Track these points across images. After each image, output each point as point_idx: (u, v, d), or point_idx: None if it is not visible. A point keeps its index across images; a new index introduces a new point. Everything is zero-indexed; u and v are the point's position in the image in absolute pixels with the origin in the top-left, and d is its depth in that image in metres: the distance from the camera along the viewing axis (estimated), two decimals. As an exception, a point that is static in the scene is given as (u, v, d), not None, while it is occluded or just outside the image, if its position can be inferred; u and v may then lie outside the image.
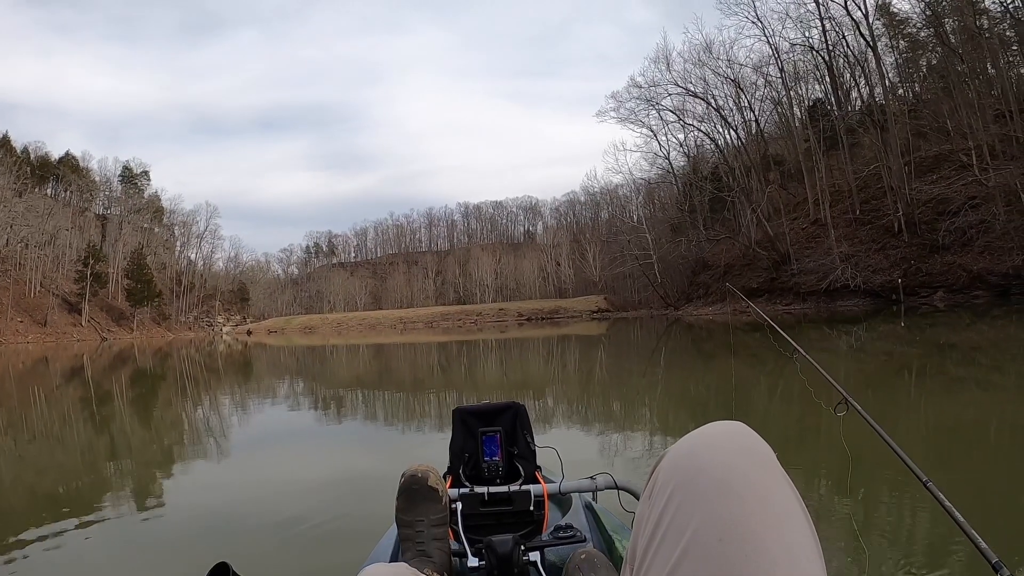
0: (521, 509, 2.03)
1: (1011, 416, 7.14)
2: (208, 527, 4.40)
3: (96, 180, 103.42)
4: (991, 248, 34.06)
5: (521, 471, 2.17)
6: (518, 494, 2.04)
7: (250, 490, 5.47)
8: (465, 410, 2.30)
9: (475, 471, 2.18)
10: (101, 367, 27.82)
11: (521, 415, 2.29)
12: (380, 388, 15.07)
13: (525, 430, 2.27)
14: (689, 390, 11.57)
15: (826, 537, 3.63)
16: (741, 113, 57.76)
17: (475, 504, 2.02)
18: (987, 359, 12.98)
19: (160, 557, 3.84)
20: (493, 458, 2.16)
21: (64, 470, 6.83)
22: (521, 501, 2.03)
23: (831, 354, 16.81)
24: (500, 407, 2.30)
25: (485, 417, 2.28)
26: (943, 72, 46.03)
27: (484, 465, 2.15)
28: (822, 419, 6.73)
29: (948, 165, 39.76)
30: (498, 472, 2.15)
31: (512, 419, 2.28)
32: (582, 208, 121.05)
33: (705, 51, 55.57)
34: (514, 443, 2.24)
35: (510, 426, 2.26)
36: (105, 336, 79.68)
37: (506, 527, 1.97)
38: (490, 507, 2.04)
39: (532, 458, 2.25)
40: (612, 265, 79.47)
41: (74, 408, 13.16)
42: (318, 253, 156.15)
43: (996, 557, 1.04)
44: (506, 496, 2.04)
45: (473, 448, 2.20)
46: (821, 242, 46.04)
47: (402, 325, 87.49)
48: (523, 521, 2.03)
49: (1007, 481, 4.58)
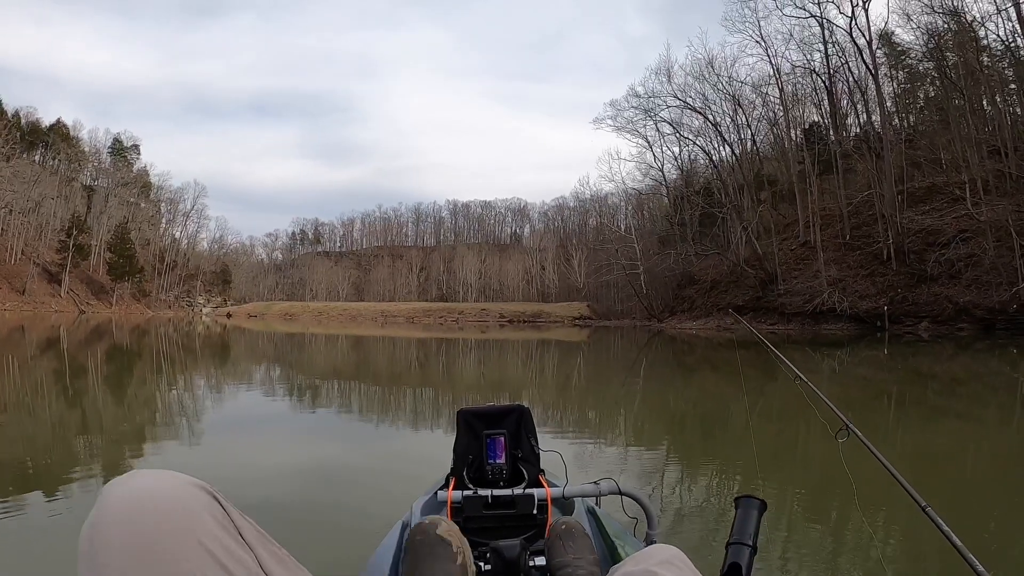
0: (524, 512, 2.02)
1: (989, 446, 7.15)
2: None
3: (85, 150, 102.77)
4: (979, 282, 34.29)
5: (525, 474, 2.17)
6: (521, 497, 2.04)
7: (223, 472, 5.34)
8: (469, 412, 2.29)
9: (479, 473, 2.18)
10: (77, 340, 27.53)
11: (526, 418, 2.29)
12: (357, 380, 14.97)
13: (530, 433, 2.27)
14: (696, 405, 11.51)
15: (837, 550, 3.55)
16: (738, 131, 58.12)
17: (478, 507, 2.03)
18: (967, 391, 13.04)
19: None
20: (497, 461, 2.16)
21: (34, 443, 6.67)
22: (524, 504, 2.02)
23: (814, 375, 16.83)
24: (505, 409, 2.29)
25: (489, 419, 2.26)
26: (940, 104, 46.41)
27: (488, 468, 2.16)
28: (812, 440, 6.70)
29: (941, 197, 40.02)
30: (502, 475, 2.16)
31: (517, 422, 2.27)
32: (571, 214, 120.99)
33: (707, 66, 55.81)
34: (518, 446, 2.24)
35: (515, 429, 2.26)
36: (83, 309, 79.14)
37: (509, 530, 1.98)
38: (493, 510, 2.04)
39: (536, 461, 2.25)
40: (598, 273, 79.63)
41: (48, 380, 12.95)
42: (303, 240, 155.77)
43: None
44: (510, 499, 2.04)
45: (477, 450, 2.20)
46: (810, 264, 46.24)
47: (383, 318, 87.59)
48: (526, 525, 2.02)
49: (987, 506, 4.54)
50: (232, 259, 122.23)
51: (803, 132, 56.58)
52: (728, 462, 6.30)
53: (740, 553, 1.51)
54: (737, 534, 1.55)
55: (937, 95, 48.33)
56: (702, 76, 56.33)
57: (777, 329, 41.56)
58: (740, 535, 1.54)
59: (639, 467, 5.95)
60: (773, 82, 53.35)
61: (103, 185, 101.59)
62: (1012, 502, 4.88)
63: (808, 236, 48.56)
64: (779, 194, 56.72)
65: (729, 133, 58.12)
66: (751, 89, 55.44)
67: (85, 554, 0.86)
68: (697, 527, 4.05)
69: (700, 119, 58.81)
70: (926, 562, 3.43)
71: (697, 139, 61.47)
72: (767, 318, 45.42)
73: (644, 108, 60.12)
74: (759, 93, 55.54)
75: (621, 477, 2.40)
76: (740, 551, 1.51)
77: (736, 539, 1.54)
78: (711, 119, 57.78)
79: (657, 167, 67.06)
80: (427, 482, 2.42)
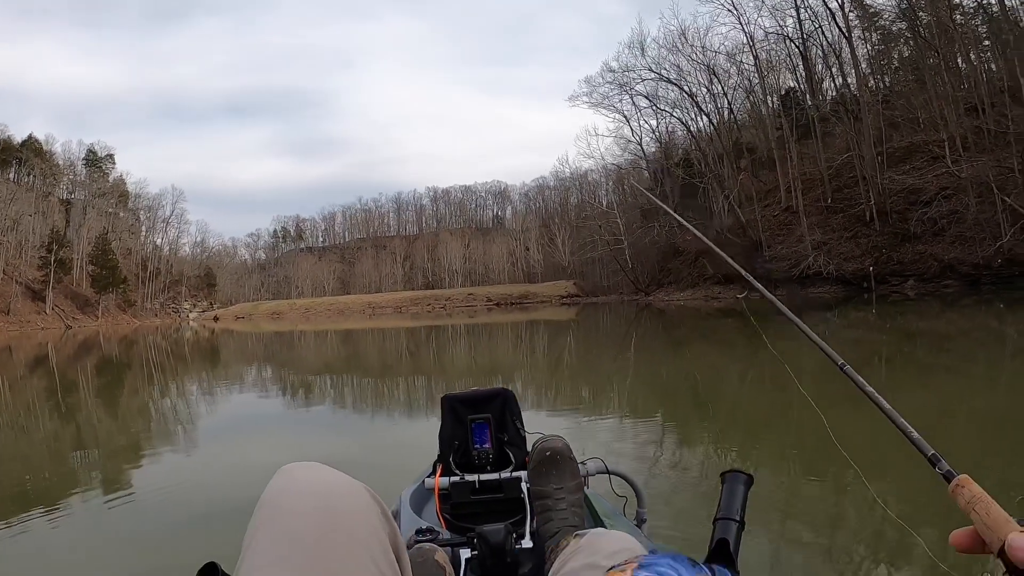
0: (512, 496, 2.03)
1: (981, 401, 7.18)
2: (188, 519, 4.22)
3: (60, 164, 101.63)
4: (962, 238, 34.45)
5: (512, 458, 2.15)
6: (509, 481, 2.05)
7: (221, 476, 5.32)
8: (454, 397, 2.27)
9: (465, 459, 2.17)
10: (66, 356, 27.39)
11: (510, 401, 2.27)
12: (348, 374, 14.99)
13: (515, 417, 2.26)
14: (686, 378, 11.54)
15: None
16: (714, 100, 57.93)
17: (466, 492, 2.05)
18: (956, 347, 13.13)
19: (141, 550, 3.69)
20: (483, 445, 2.16)
21: (30, 462, 6.63)
22: (512, 488, 2.03)
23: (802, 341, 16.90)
24: (489, 394, 2.27)
25: (474, 404, 2.25)
26: (916, 64, 46.46)
27: (474, 453, 2.15)
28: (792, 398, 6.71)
29: (920, 156, 40.13)
30: (488, 459, 2.15)
31: (501, 406, 2.26)
32: (551, 193, 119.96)
33: (680, 37, 55.64)
34: (504, 430, 2.23)
35: (499, 413, 2.24)
36: (70, 324, 78.47)
37: (497, 515, 1.99)
38: (481, 495, 2.05)
39: (523, 444, 2.23)
40: (582, 250, 79.45)
41: (40, 398, 12.89)
42: (286, 237, 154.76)
43: (932, 450, 0.97)
44: (497, 484, 2.05)
45: (463, 436, 2.19)
46: (793, 229, 46.36)
47: (371, 310, 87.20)
48: (514, 508, 2.02)
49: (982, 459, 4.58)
50: (215, 262, 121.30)
51: (779, 98, 56.48)
52: (719, 435, 6.28)
53: (728, 528, 1.51)
54: (724, 510, 1.54)
55: (912, 55, 48.36)
56: (676, 47, 56.29)
57: (765, 296, 41.69)
58: (727, 510, 1.54)
59: (628, 445, 5.93)
60: (747, 50, 53.24)
61: (80, 197, 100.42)
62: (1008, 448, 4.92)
63: (790, 201, 48.66)
64: (759, 161, 56.73)
65: (706, 103, 58.10)
66: (725, 58, 55.33)
67: (271, 505, 0.95)
68: (687, 503, 4.06)
69: (676, 91, 58.79)
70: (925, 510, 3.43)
71: (674, 111, 61.49)
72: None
73: (619, 83, 60.02)
74: (734, 62, 55.46)
75: (609, 456, 2.41)
76: (727, 526, 1.51)
77: (723, 515, 1.53)
78: (687, 90, 57.76)
79: (635, 141, 67.05)
80: (418, 471, 2.42)
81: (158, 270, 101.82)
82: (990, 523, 0.73)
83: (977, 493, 0.79)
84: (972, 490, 0.79)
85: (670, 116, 62.42)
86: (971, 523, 0.76)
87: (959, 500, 0.81)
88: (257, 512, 0.95)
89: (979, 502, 0.77)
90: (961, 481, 0.82)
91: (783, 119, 52.56)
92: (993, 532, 0.72)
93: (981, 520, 0.74)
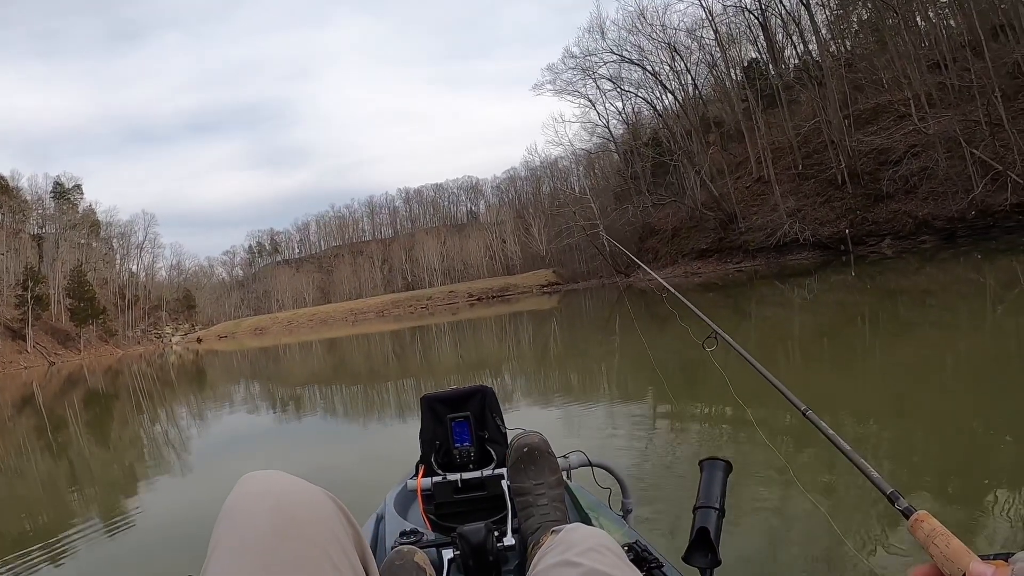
0: (495, 494, 2.01)
1: (965, 353, 7.24)
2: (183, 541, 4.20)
3: (28, 199, 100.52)
4: (935, 194, 34.64)
5: (493, 455, 2.15)
6: (491, 479, 2.04)
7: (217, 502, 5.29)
8: (432, 397, 2.27)
9: (447, 458, 2.17)
10: (52, 392, 27.13)
11: (489, 398, 2.27)
12: (336, 383, 14.93)
13: (495, 413, 2.26)
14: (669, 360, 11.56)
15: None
16: (678, 77, 57.84)
17: (448, 492, 2.04)
18: (937, 301, 13.25)
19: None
20: (464, 444, 2.16)
21: (27, 502, 6.57)
22: (494, 486, 2.01)
23: (786, 308, 17.04)
24: (467, 392, 2.28)
25: (453, 403, 2.26)
26: (875, 26, 46.69)
27: (455, 452, 2.15)
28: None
29: (887, 116, 40.29)
30: (470, 458, 2.15)
31: (480, 403, 2.26)
32: (523, 183, 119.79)
33: (639, 17, 55.54)
34: (484, 427, 2.23)
35: (479, 411, 2.25)
36: (53, 360, 77.59)
37: (481, 513, 1.97)
38: (464, 494, 2.05)
39: (503, 441, 2.22)
40: (559, 238, 79.29)
41: (30, 438, 12.76)
42: (261, 252, 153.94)
43: (891, 488, 0.99)
44: (479, 481, 2.04)
45: (443, 435, 2.19)
46: (767, 199, 46.50)
47: (353, 317, 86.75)
48: (498, 506, 1.99)
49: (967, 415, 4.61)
50: (193, 283, 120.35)
51: (743, 70, 56.63)
52: (701, 421, 6.21)
53: (707, 517, 1.51)
54: (703, 497, 1.55)
55: (871, 17, 48.59)
56: (635, 28, 56.09)
57: (744, 266, 41.94)
58: (707, 498, 1.55)
59: (610, 435, 5.88)
60: (707, 24, 53.03)
61: (51, 231, 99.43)
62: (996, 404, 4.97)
63: (761, 171, 48.81)
64: (727, 134, 56.84)
65: (670, 81, 57.97)
66: (686, 34, 55.11)
67: (228, 511, 0.98)
68: (672, 492, 4.02)
69: (639, 71, 58.61)
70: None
71: (639, 91, 61.33)
72: (732, 257, 45.76)
73: (582, 68, 59.76)
74: (694, 37, 55.29)
75: (593, 447, 2.42)
76: (707, 515, 1.52)
77: (703, 503, 1.54)
78: (650, 69, 57.65)
79: (603, 124, 66.91)
80: (401, 473, 2.42)
81: (136, 297, 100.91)
82: (951, 555, 0.75)
83: (936, 527, 0.81)
84: (931, 524, 0.82)
85: (635, 97, 62.30)
86: (931, 558, 0.77)
87: (918, 535, 0.83)
88: (216, 523, 0.97)
89: (939, 535, 0.79)
90: (920, 516, 0.84)
91: (748, 91, 52.70)
92: (954, 563, 0.73)
93: (942, 553, 0.76)
